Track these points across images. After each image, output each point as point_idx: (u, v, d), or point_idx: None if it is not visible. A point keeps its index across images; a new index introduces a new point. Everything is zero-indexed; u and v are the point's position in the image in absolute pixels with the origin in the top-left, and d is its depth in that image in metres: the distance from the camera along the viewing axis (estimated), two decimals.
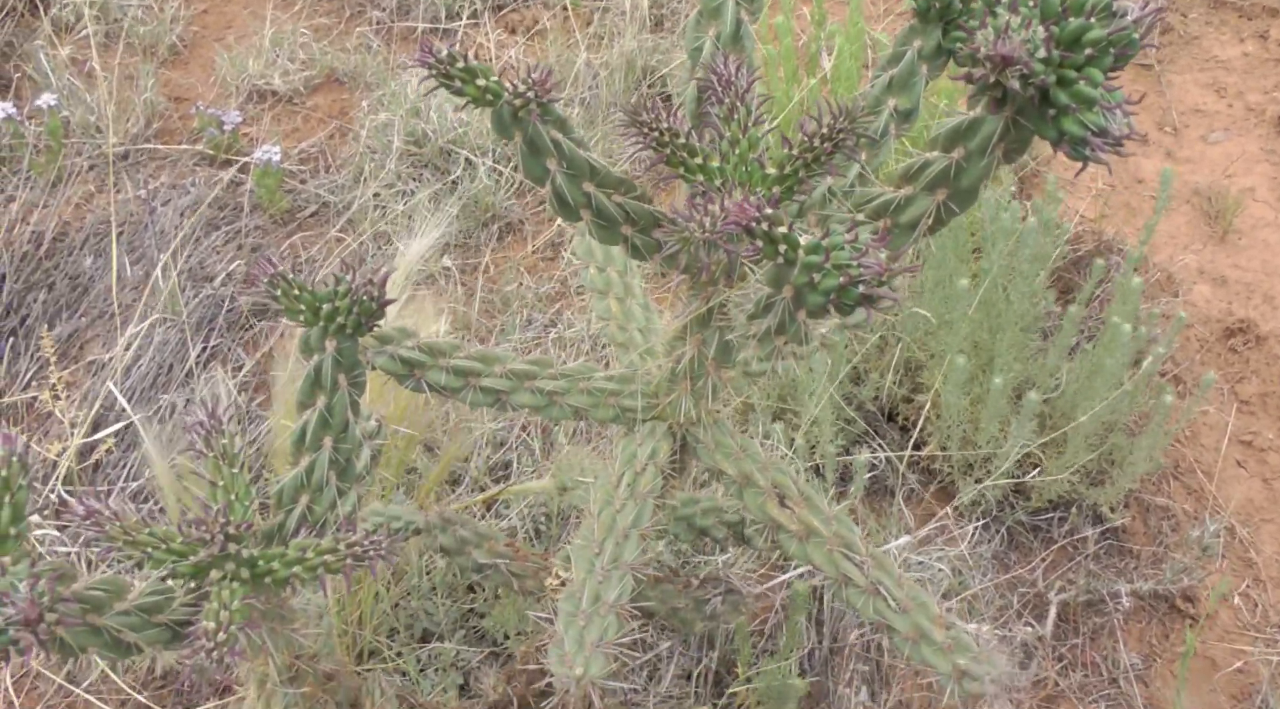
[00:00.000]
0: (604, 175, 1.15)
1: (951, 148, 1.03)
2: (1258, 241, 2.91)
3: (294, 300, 1.15)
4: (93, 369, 2.51)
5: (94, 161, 3.22)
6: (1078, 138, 0.92)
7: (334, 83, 3.54)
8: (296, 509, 1.19)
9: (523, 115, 1.08)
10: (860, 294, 0.89)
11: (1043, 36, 0.91)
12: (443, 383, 1.31)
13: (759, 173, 1.16)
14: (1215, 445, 2.54)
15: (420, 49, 1.07)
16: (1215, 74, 3.36)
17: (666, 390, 1.34)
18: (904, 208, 1.08)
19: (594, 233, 1.18)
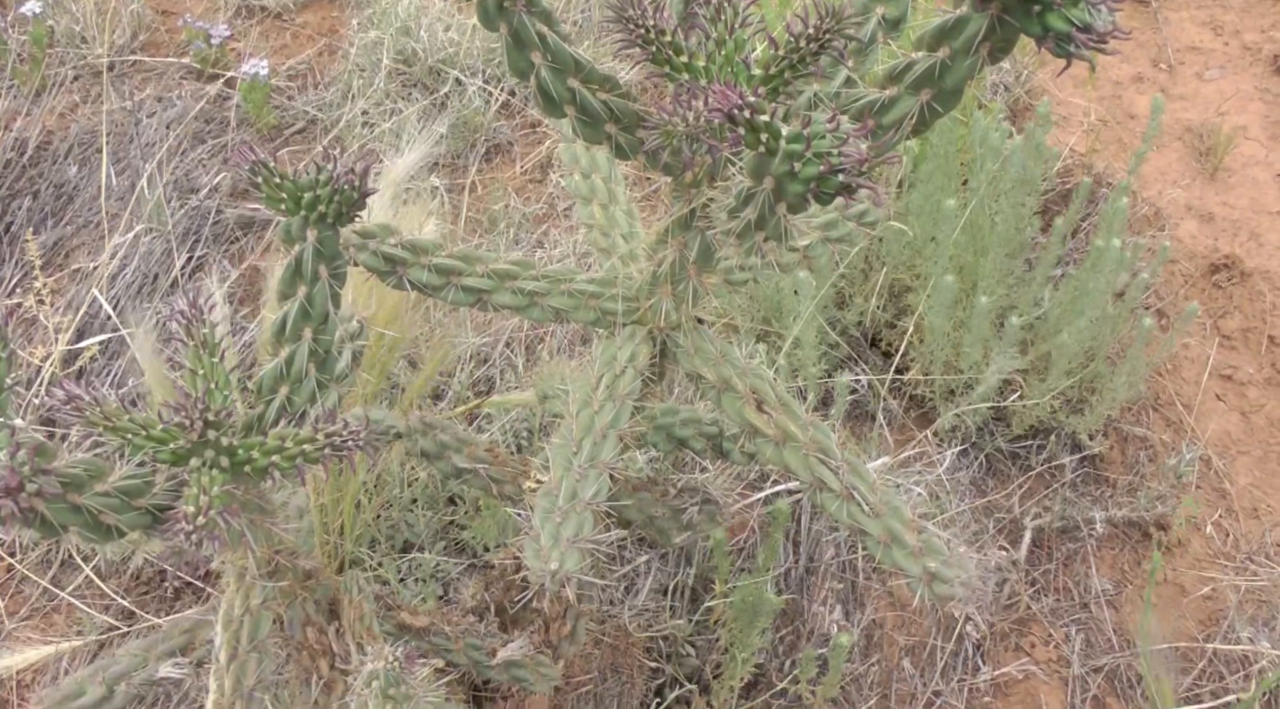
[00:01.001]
0: (589, 71, 1.14)
1: (937, 47, 1.02)
2: (1247, 180, 2.91)
3: (275, 188, 1.14)
4: (78, 277, 2.50)
5: (79, 72, 3.18)
6: (1062, 33, 0.92)
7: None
8: (276, 399, 1.19)
9: (508, 5, 1.07)
10: (840, 182, 0.90)
11: None
12: (424, 280, 1.31)
13: (744, 73, 1.15)
14: (1195, 378, 2.55)
15: None
16: (1213, 12, 3.34)
17: (647, 294, 1.34)
18: (888, 108, 1.07)
19: (578, 130, 1.17)
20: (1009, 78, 3.03)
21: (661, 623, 1.97)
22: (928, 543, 1.25)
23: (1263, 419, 2.49)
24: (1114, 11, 0.93)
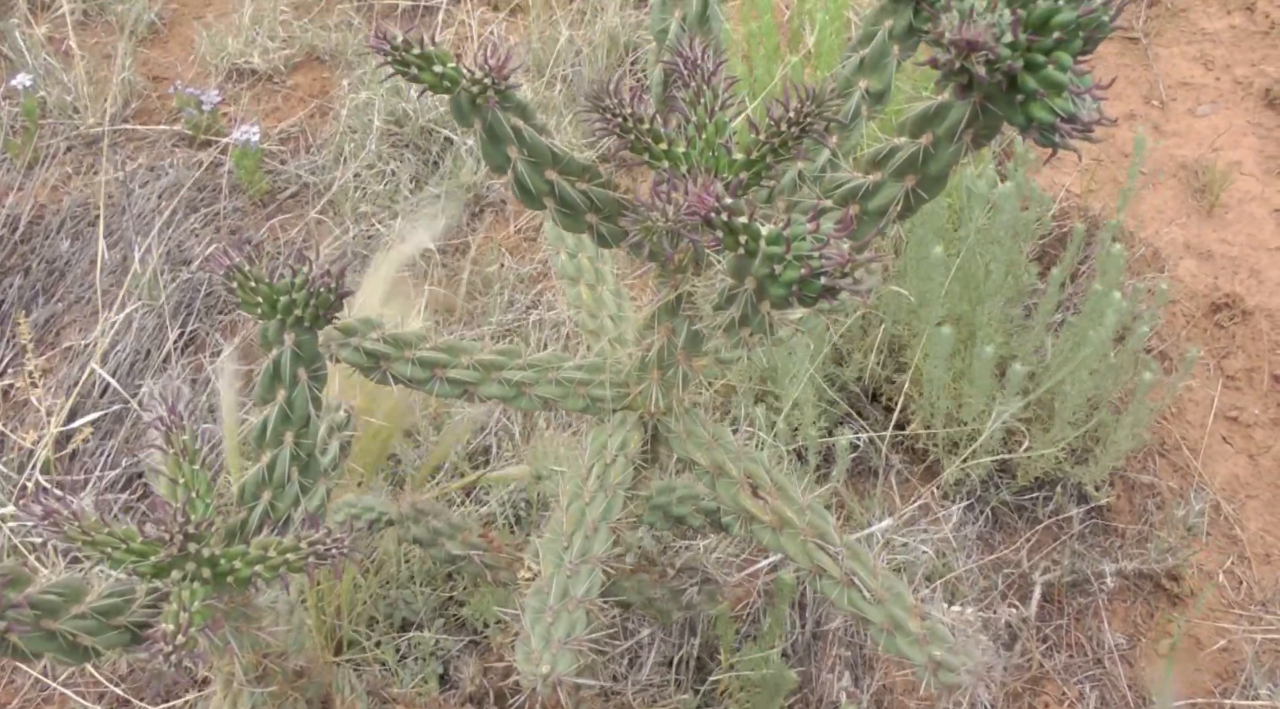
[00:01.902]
0: (567, 162, 1.13)
1: (919, 133, 1.00)
2: (1244, 216, 2.88)
3: (250, 293, 1.12)
4: (70, 355, 2.48)
5: (71, 143, 3.18)
6: (1046, 124, 0.90)
7: (315, 61, 3.50)
8: (259, 506, 1.17)
9: (481, 102, 1.05)
10: (823, 286, 0.87)
11: (1009, 20, 0.88)
12: (409, 375, 1.29)
13: (726, 158, 1.13)
14: (1201, 421, 2.52)
15: (374, 35, 1.03)
16: (1203, 47, 3.33)
17: (637, 379, 1.32)
18: (873, 194, 1.05)
19: (558, 221, 1.16)
20: None
21: (667, 698, 1.93)
22: (932, 629, 1.22)
23: (1270, 461, 2.45)
24: (1099, 100, 0.91)
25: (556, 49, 3.27)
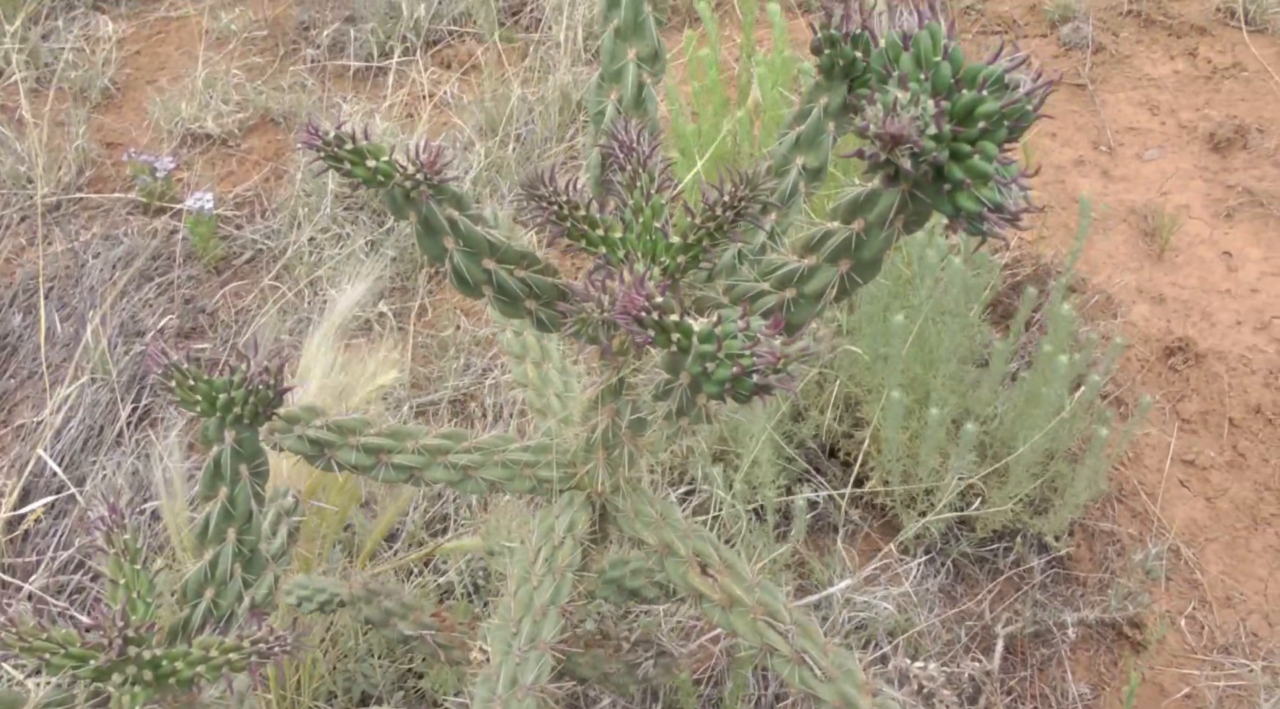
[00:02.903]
0: (504, 250, 1.13)
1: (851, 219, 1.01)
2: (1194, 259, 2.92)
3: (189, 392, 1.11)
4: (21, 433, 2.45)
5: (25, 212, 3.17)
6: (973, 214, 0.91)
7: (269, 123, 3.50)
8: (201, 604, 1.15)
9: (414, 196, 1.05)
10: (755, 384, 0.87)
11: (933, 112, 0.89)
12: (354, 461, 1.28)
13: (663, 242, 1.13)
14: (1158, 466, 2.54)
15: (305, 131, 1.03)
16: (1148, 92, 3.38)
17: (583, 459, 1.31)
18: (808, 278, 1.06)
19: (497, 308, 1.15)
20: None
21: None
22: (883, 706, 1.21)
23: (1228, 504, 2.47)
24: (1025, 190, 0.92)
25: (509, 107, 3.29)
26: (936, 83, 0.92)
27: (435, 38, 3.79)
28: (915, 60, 0.92)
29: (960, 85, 0.92)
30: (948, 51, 0.92)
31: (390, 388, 2.06)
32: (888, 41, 0.93)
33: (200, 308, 2.85)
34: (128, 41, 3.86)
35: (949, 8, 3.75)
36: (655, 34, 1.21)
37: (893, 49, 0.92)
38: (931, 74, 0.91)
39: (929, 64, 0.92)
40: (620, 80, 1.22)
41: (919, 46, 0.92)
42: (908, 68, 0.91)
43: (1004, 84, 0.91)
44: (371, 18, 3.76)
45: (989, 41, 3.63)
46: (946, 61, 0.91)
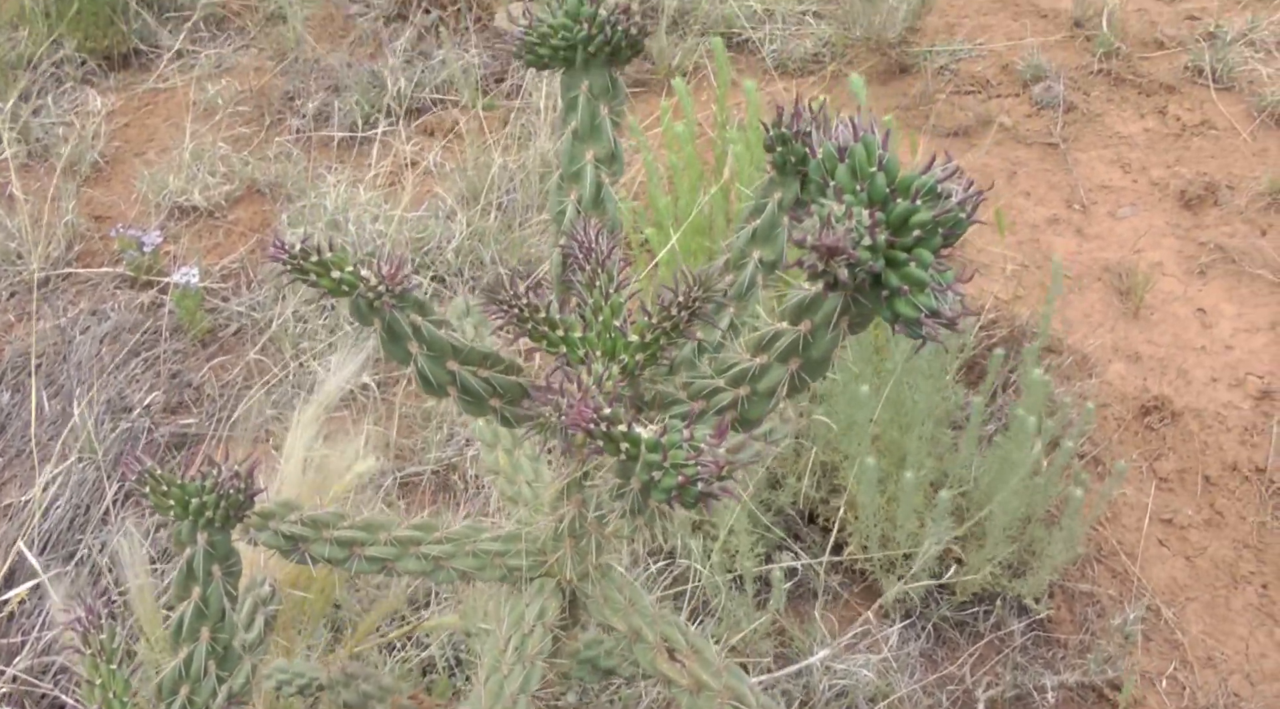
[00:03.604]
0: (467, 352, 1.16)
1: (798, 321, 1.04)
2: (1169, 316, 2.96)
3: (163, 497, 1.14)
4: (8, 513, 2.47)
5: (15, 288, 3.20)
6: (911, 319, 0.94)
7: (255, 194, 3.55)
8: (176, 701, 1.17)
9: (378, 305, 1.09)
10: (699, 492, 0.90)
11: (868, 223, 0.93)
12: (327, 555, 1.31)
13: (622, 341, 1.17)
14: (1137, 525, 2.56)
15: (272, 245, 1.07)
16: (1119, 150, 3.44)
17: (553, 548, 1.34)
18: (760, 377, 1.09)
19: (461, 408, 1.19)
20: None
21: None
22: None
23: (1207, 562, 2.49)
24: (959, 296, 0.95)
25: (490, 175, 3.34)
26: (872, 193, 0.95)
27: (419, 105, 3.85)
28: (851, 171, 0.96)
29: (895, 194, 0.96)
30: (882, 162, 0.96)
31: (371, 474, 2.09)
32: (824, 153, 0.97)
33: (186, 382, 2.88)
34: (116, 114, 3.92)
35: (923, 69, 3.83)
36: (612, 136, 1.26)
37: (829, 161, 0.96)
38: (867, 184, 0.95)
39: (864, 175, 0.95)
40: (579, 181, 1.26)
41: (854, 158, 0.96)
42: (844, 179, 0.95)
43: (937, 193, 0.95)
44: (355, 87, 3.82)
45: (963, 101, 3.70)
46: (881, 172, 0.95)
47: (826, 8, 4.17)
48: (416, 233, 3.18)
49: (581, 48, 1.20)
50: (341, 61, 3.99)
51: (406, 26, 4.16)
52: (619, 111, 1.25)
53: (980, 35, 4.01)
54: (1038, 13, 4.13)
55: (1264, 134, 3.43)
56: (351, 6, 4.31)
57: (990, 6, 4.21)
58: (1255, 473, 2.63)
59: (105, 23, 4.16)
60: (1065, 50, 3.86)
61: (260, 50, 4.24)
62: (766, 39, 4.01)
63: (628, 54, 1.21)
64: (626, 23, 1.18)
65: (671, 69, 3.91)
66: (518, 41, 1.21)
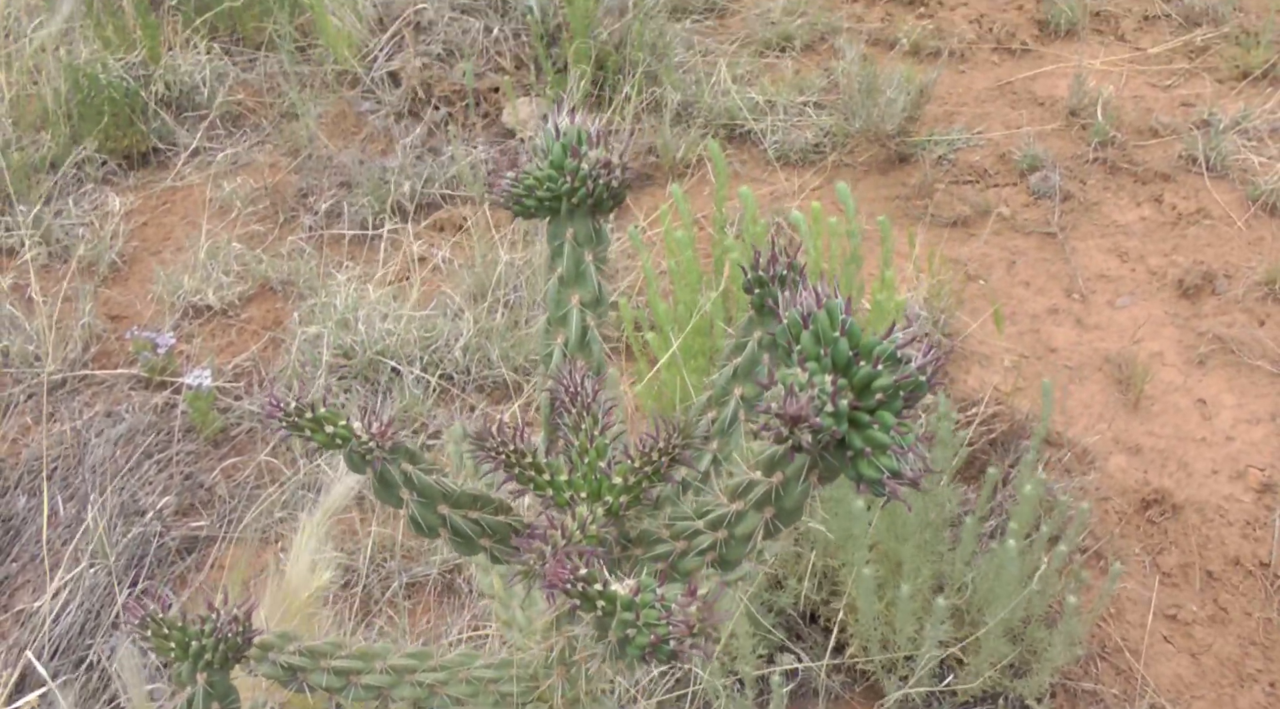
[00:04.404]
0: (457, 497, 1.20)
1: (770, 473, 1.08)
2: (1169, 407, 2.99)
3: (164, 640, 1.18)
4: (21, 618, 2.51)
5: (32, 390, 3.27)
6: (874, 480, 0.98)
7: (268, 292, 3.63)
8: None
9: (369, 458, 1.13)
10: (670, 650, 0.94)
11: (830, 390, 0.97)
12: (325, 684, 1.34)
13: (606, 483, 1.21)
14: (1140, 621, 2.57)
15: (269, 403, 1.12)
16: (1116, 239, 3.49)
17: (545, 674, 1.37)
18: (737, 522, 1.13)
19: (453, 548, 1.23)
20: (926, 324, 3.13)
21: None
22: None
23: (1212, 659, 2.49)
24: (921, 457, 0.99)
25: (497, 272, 3.40)
26: (835, 358, 1.00)
27: (428, 200, 3.94)
28: (815, 337, 1.00)
29: (859, 358, 1.01)
30: (845, 327, 1.00)
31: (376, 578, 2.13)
32: (789, 320, 1.01)
33: (199, 483, 2.93)
34: (135, 213, 4.02)
35: (922, 159, 3.90)
36: (597, 280, 1.31)
37: (794, 327, 1.01)
38: (830, 350, 1.00)
39: (828, 340, 1.00)
40: (566, 324, 1.31)
41: (818, 324, 1.00)
42: (808, 346, 1.00)
43: (898, 358, 1.00)
44: (366, 184, 3.91)
45: (961, 191, 3.76)
46: (844, 337, 1.00)
47: (827, 98, 4.25)
48: (424, 331, 3.24)
49: (565, 199, 1.26)
50: (353, 158, 4.09)
51: (417, 123, 4.26)
52: (603, 257, 1.31)
53: (978, 124, 4.08)
54: (1034, 100, 4.20)
55: (1258, 223, 3.48)
56: (364, 103, 4.43)
57: (988, 94, 4.29)
58: (1259, 568, 2.64)
59: (125, 123, 4.28)
60: (1061, 139, 3.93)
61: (275, 147, 4.35)
62: (768, 130, 4.09)
63: (610, 205, 1.27)
64: (608, 176, 1.24)
65: (675, 162, 3.99)
66: (505, 194, 1.27)
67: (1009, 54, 4.53)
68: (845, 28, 4.71)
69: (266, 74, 4.68)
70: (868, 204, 3.80)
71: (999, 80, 4.36)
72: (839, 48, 4.49)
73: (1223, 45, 4.31)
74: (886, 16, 4.81)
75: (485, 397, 3.17)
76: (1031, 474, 2.15)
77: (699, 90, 4.25)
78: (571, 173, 1.23)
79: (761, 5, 4.90)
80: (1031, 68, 4.40)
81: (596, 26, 4.16)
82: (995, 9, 4.82)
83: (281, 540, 2.71)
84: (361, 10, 4.54)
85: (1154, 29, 4.54)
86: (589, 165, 1.23)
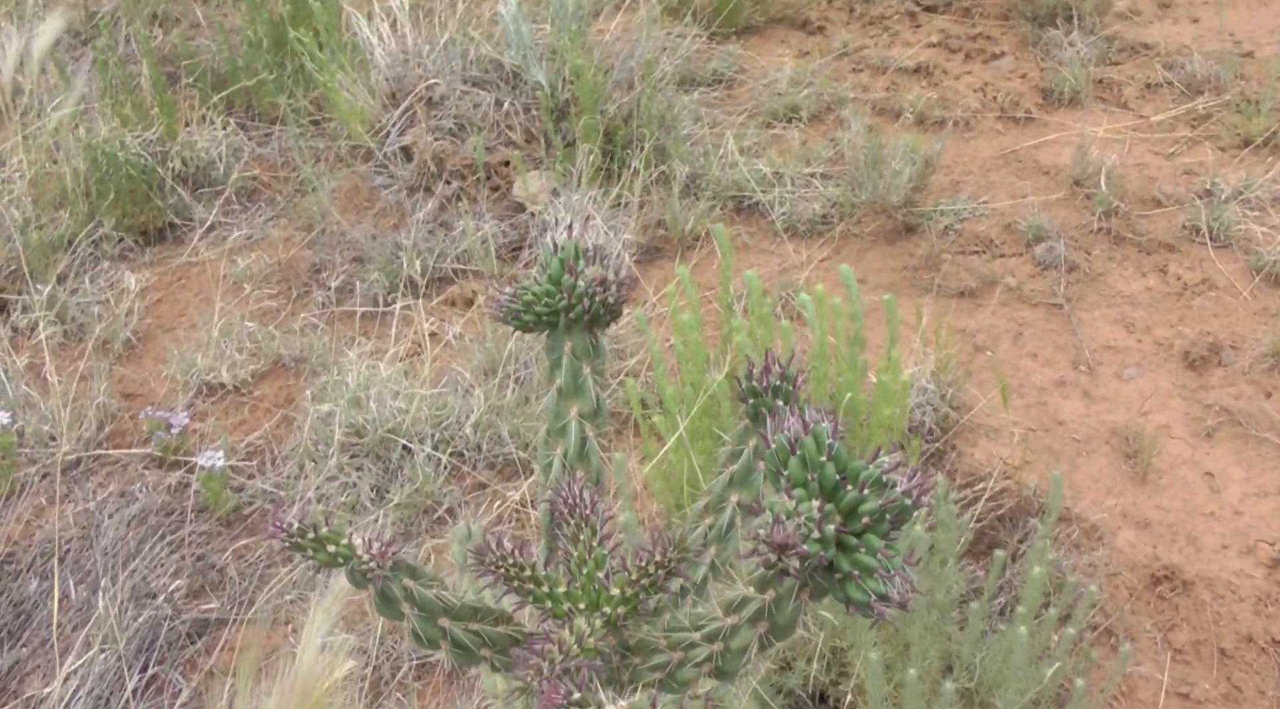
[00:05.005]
0: (458, 610, 1.22)
1: (763, 590, 1.10)
2: (1177, 481, 2.99)
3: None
4: (30, 705, 2.53)
5: (47, 470, 3.31)
6: (861, 603, 1.00)
7: (280, 369, 3.66)
8: None
9: (371, 576, 1.15)
10: None
11: (816, 517, 0.99)
12: None
13: (605, 594, 1.23)
14: (1153, 700, 2.55)
15: (272, 524, 1.14)
16: (1123, 309, 3.50)
17: None
18: (732, 636, 1.15)
19: (454, 659, 1.24)
20: (934, 397, 3.15)
21: None
22: None
23: None
24: (908, 580, 1.01)
25: (508, 348, 3.44)
26: (822, 482, 1.02)
27: (440, 275, 3.98)
28: (802, 462, 1.02)
29: (845, 482, 1.03)
30: (831, 451, 1.02)
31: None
32: (777, 446, 1.03)
33: (210, 564, 2.95)
34: (150, 290, 4.08)
35: (928, 230, 3.93)
36: (595, 393, 1.33)
37: (781, 453, 1.03)
38: (817, 474, 1.02)
39: (815, 465, 1.02)
40: (565, 435, 1.33)
41: (805, 450, 1.02)
42: (795, 472, 1.02)
43: (883, 483, 1.02)
44: (379, 259, 3.96)
45: (968, 261, 3.78)
46: (831, 462, 1.02)
47: (834, 169, 4.30)
48: (435, 409, 3.27)
49: (563, 314, 1.29)
50: (366, 233, 4.14)
51: (429, 197, 4.32)
52: (600, 369, 1.33)
53: (984, 193, 4.12)
54: (1039, 169, 4.24)
55: (1263, 294, 3.49)
56: (377, 178, 4.49)
57: (993, 163, 4.33)
58: (1272, 645, 2.62)
59: (142, 199, 4.36)
60: (1066, 208, 3.96)
61: (289, 221, 4.41)
62: (776, 201, 4.13)
63: (606, 320, 1.30)
64: (604, 294, 1.27)
65: (684, 234, 4.03)
66: (504, 309, 1.30)
67: (1013, 122, 4.58)
68: (851, 98, 4.78)
69: (281, 148, 4.76)
70: (875, 275, 3.83)
71: (1003, 148, 4.41)
72: (845, 118, 4.54)
73: (1224, 113, 4.35)
74: (892, 86, 4.87)
75: (496, 473, 3.19)
76: (1040, 559, 2.15)
77: (707, 162, 4.30)
78: (569, 290, 1.26)
79: (769, 75, 4.97)
80: (1036, 136, 4.44)
81: (605, 101, 4.23)
82: (999, 77, 4.88)
83: (293, 621, 2.72)
84: (374, 85, 4.62)
85: (1156, 97, 4.59)
86: (585, 282, 1.26)
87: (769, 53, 5.26)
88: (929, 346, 3.26)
